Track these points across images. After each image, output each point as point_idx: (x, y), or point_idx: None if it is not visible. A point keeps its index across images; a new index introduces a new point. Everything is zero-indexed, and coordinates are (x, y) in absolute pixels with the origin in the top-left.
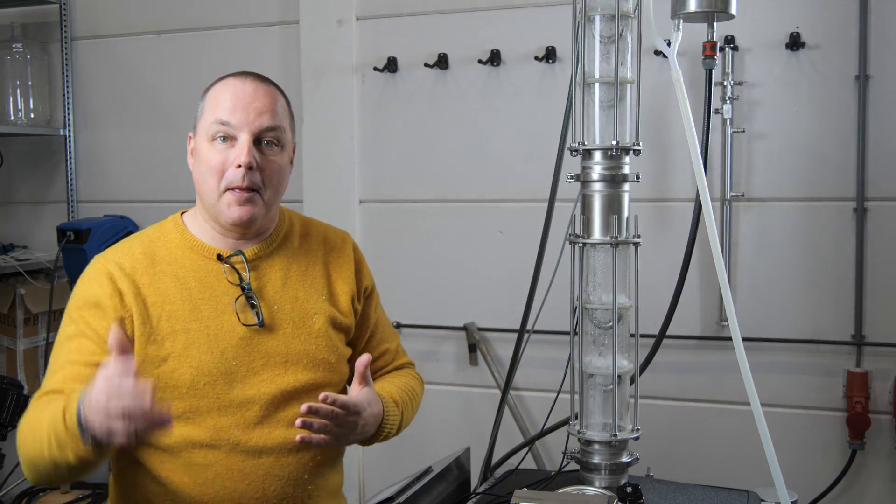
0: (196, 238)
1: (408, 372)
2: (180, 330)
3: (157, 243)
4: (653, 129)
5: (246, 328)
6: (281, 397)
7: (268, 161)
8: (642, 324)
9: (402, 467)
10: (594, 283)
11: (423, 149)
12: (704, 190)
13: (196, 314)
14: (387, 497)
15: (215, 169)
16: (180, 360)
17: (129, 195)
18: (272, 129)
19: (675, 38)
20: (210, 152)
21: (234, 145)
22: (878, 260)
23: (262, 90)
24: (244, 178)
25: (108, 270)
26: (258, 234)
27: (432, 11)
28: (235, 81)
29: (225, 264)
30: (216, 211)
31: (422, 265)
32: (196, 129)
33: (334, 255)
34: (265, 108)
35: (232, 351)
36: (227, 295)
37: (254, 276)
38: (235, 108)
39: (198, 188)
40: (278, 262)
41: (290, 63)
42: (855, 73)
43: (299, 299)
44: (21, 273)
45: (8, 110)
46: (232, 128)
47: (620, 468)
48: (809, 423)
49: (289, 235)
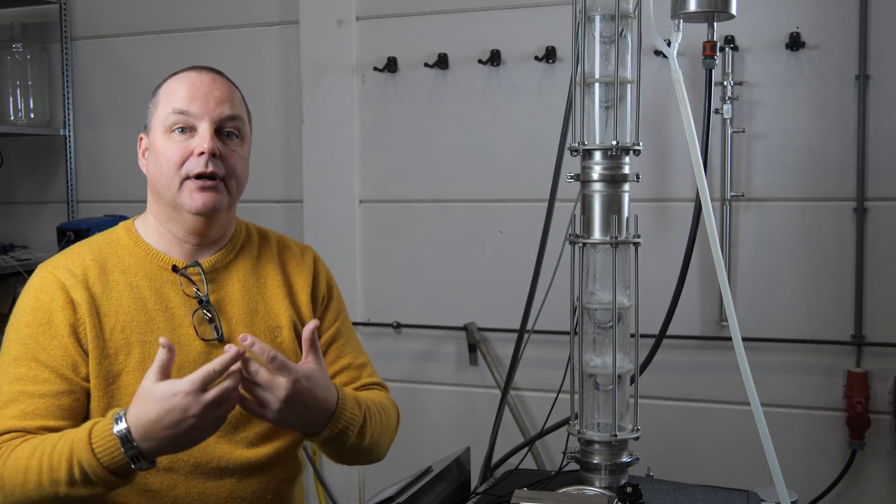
0: (150, 246)
1: (379, 392)
2: (135, 343)
3: (108, 250)
4: (653, 129)
5: (204, 343)
6: (241, 415)
7: (229, 151)
8: (642, 324)
9: (402, 467)
10: (594, 283)
11: (422, 149)
12: (704, 190)
13: (151, 326)
14: (387, 497)
15: (174, 161)
16: (135, 375)
17: (129, 195)
18: (233, 118)
19: (675, 38)
20: (167, 144)
21: (193, 136)
22: (878, 260)
23: (219, 81)
24: (207, 165)
25: (59, 279)
26: (214, 241)
27: (432, 11)
28: (190, 73)
29: (181, 276)
30: (177, 204)
31: (422, 265)
32: (148, 127)
33: (294, 265)
34: (224, 97)
35: (190, 367)
36: (184, 307)
37: (211, 288)
38: (195, 97)
39: (154, 186)
40: (236, 273)
41: (290, 63)
42: (855, 73)
43: (260, 312)
44: (21, 273)
45: (8, 110)
46: (191, 117)
47: (620, 468)
48: (809, 423)
49: (247, 245)
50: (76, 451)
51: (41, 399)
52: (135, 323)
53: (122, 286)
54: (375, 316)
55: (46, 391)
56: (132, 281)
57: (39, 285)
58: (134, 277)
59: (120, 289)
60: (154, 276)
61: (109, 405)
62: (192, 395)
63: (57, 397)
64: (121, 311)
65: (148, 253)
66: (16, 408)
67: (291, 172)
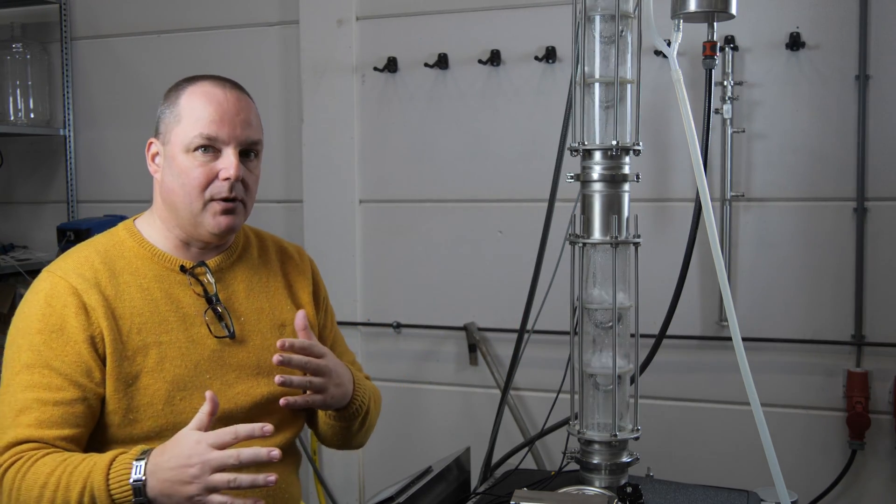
0: (155, 247)
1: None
2: (151, 343)
3: (113, 252)
4: (653, 129)
5: (217, 340)
6: (256, 409)
7: (248, 172)
8: (642, 324)
9: (402, 467)
10: (594, 283)
11: (422, 149)
12: (704, 190)
13: (165, 326)
14: (387, 497)
15: (199, 182)
16: (154, 375)
17: (129, 195)
18: (256, 142)
19: (675, 38)
20: (191, 163)
21: (217, 157)
22: (878, 260)
23: (243, 101)
24: (231, 190)
25: (70, 284)
26: (218, 244)
27: (432, 11)
28: (215, 90)
29: (190, 276)
30: (196, 222)
31: (422, 265)
32: (166, 137)
33: (292, 266)
34: (248, 120)
35: (205, 364)
36: (194, 307)
37: (219, 287)
38: (223, 121)
39: (170, 199)
40: (240, 273)
41: (290, 63)
42: (855, 73)
43: (264, 310)
44: (21, 273)
45: (8, 110)
46: (218, 142)
47: (620, 468)
48: (809, 423)
49: (247, 246)
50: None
51: (56, 407)
52: (149, 324)
53: (133, 288)
54: (375, 316)
55: (60, 399)
56: (142, 283)
57: (50, 290)
58: (143, 279)
59: (132, 291)
60: (162, 277)
61: (129, 407)
62: (203, 444)
63: (71, 405)
64: (135, 313)
65: (154, 254)
66: (31, 416)
67: (291, 172)
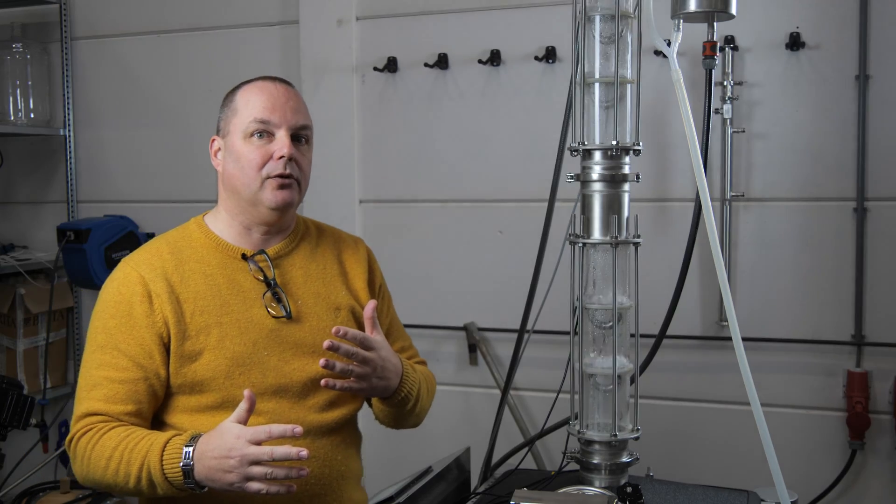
0: (220, 238)
1: (424, 367)
2: (213, 324)
3: (182, 243)
4: (653, 129)
5: (275, 320)
6: (311, 384)
7: (300, 155)
8: (642, 324)
9: (402, 467)
10: (594, 283)
11: (422, 149)
12: (704, 190)
13: (226, 308)
14: (387, 497)
15: (256, 163)
16: (215, 352)
17: (129, 195)
18: (305, 126)
19: (675, 38)
20: (248, 147)
21: (271, 141)
22: (878, 260)
23: (292, 92)
24: (286, 167)
25: (139, 274)
26: (280, 231)
27: (432, 11)
28: (266, 84)
29: (250, 262)
30: (256, 200)
31: (422, 265)
32: (225, 131)
33: (348, 254)
34: (298, 108)
35: (263, 342)
36: (254, 290)
37: (277, 273)
38: (274, 107)
39: (231, 183)
40: (298, 260)
41: (290, 63)
42: (855, 73)
43: (321, 294)
44: (21, 273)
45: (8, 110)
46: (271, 125)
47: (620, 468)
48: (809, 423)
49: (305, 236)
50: (150, 453)
51: (121, 385)
52: (211, 306)
53: (197, 275)
54: None
55: (125, 378)
56: (206, 269)
57: (122, 279)
58: (207, 266)
59: (196, 277)
60: (225, 264)
61: (194, 380)
62: (242, 439)
63: (134, 383)
64: (198, 297)
65: (218, 244)
66: (101, 391)
67: None
